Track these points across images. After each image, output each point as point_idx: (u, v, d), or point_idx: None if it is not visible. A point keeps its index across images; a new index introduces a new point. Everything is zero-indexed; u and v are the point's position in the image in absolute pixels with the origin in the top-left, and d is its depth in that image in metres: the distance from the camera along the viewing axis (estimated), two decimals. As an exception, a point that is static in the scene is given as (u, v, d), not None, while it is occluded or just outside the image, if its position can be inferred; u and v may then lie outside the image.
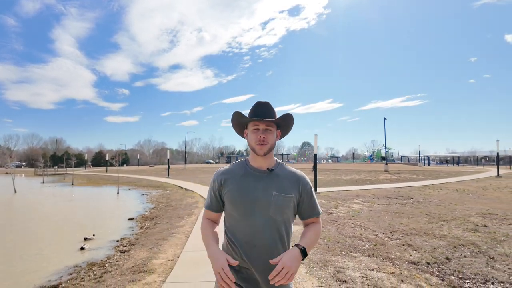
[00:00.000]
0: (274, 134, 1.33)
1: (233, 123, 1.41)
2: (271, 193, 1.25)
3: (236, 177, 1.32)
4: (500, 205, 9.36)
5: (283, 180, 1.31)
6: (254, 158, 1.34)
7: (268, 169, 1.31)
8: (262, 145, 1.28)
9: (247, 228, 1.24)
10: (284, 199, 1.26)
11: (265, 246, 1.22)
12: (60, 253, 5.57)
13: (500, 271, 4.20)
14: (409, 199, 10.63)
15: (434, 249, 5.09)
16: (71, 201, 14.47)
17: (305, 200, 1.34)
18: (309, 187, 1.36)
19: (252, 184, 1.28)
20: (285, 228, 1.28)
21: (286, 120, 1.35)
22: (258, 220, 1.23)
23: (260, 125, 1.29)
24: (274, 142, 1.33)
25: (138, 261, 4.19)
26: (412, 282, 3.58)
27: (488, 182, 16.39)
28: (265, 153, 1.29)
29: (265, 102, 1.35)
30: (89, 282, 3.72)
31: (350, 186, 15.37)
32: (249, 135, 1.33)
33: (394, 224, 6.76)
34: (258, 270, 1.22)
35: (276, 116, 1.34)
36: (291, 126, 1.42)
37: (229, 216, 1.31)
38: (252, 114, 1.32)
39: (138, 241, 5.98)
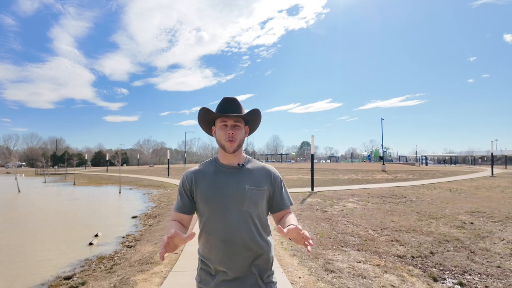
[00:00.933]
0: (243, 130, 1.32)
1: (200, 120, 1.37)
2: (244, 187, 1.25)
3: (207, 175, 1.30)
4: (489, 204, 9.72)
5: (255, 174, 1.32)
6: (224, 155, 1.32)
7: (239, 164, 1.31)
8: (232, 142, 1.27)
9: (223, 226, 1.22)
10: (258, 192, 1.26)
11: (244, 241, 1.21)
12: (70, 248, 5.92)
13: (479, 263, 4.56)
14: (403, 198, 10.99)
15: (420, 244, 5.45)
16: (75, 200, 14.81)
17: (277, 192, 1.35)
18: (279, 179, 1.38)
19: (224, 180, 1.27)
20: (260, 220, 1.28)
21: (254, 115, 1.34)
22: (234, 215, 1.22)
23: (228, 121, 1.28)
24: (243, 138, 1.33)
25: (145, 255, 4.55)
26: (394, 272, 3.94)
27: (482, 182, 16.77)
28: (235, 150, 1.28)
29: (232, 98, 1.34)
30: (101, 273, 4.07)
31: (347, 185, 15.73)
32: (217, 132, 1.31)
33: (385, 221, 7.12)
34: (238, 267, 1.20)
35: (243, 112, 1.33)
36: (258, 121, 1.41)
37: (203, 216, 1.28)
38: (219, 110, 1.30)
39: (143, 237, 6.34)
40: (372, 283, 3.45)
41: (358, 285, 3.31)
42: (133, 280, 3.33)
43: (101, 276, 3.94)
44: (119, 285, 3.24)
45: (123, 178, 22.31)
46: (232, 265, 1.20)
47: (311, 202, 10.06)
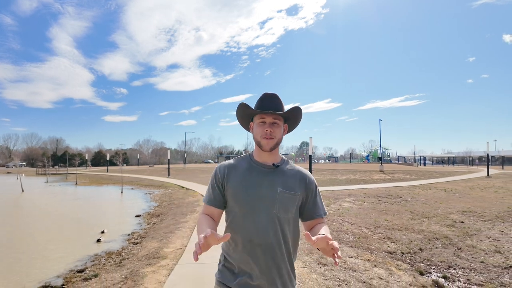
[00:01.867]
0: (282, 128, 1.27)
1: (238, 115, 1.34)
2: (276, 190, 1.20)
3: (239, 171, 1.26)
4: (481, 204, 10.03)
5: (289, 177, 1.26)
6: (259, 153, 1.27)
7: (274, 164, 1.26)
8: (269, 140, 1.22)
9: (251, 226, 1.18)
10: (290, 196, 1.21)
11: (269, 245, 1.16)
12: (79, 245, 6.20)
13: (464, 259, 4.88)
14: (398, 198, 11.29)
15: (410, 241, 5.76)
16: (78, 200, 15.09)
17: (310, 199, 1.29)
18: (314, 186, 1.32)
19: (256, 179, 1.22)
20: (290, 228, 1.23)
21: (294, 113, 1.29)
22: (263, 217, 1.17)
23: (267, 118, 1.23)
24: (281, 136, 1.28)
25: (151, 250, 4.86)
26: (383, 267, 4.25)
27: (477, 182, 17.09)
28: (272, 148, 1.24)
29: (272, 94, 1.28)
30: (111, 266, 4.38)
31: (344, 185, 16.04)
32: (255, 128, 1.27)
33: (379, 220, 7.42)
34: (261, 271, 1.16)
35: (284, 109, 1.28)
36: (299, 119, 1.36)
37: (231, 213, 1.25)
38: (259, 106, 1.25)
39: (147, 235, 6.65)
40: (361, 275, 3.76)
41: (348, 277, 3.62)
42: (142, 272, 3.64)
43: (111, 269, 4.25)
44: (130, 276, 3.54)
45: (124, 178, 22.59)
46: (256, 267, 1.16)
47: (309, 201, 10.37)
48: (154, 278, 3.39)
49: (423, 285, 3.79)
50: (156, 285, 3.16)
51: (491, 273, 4.34)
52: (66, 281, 4.04)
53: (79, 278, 4.06)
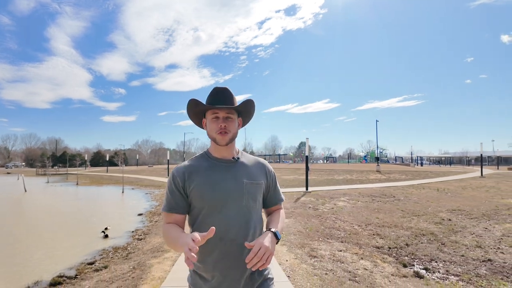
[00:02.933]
0: (236, 122, 1.26)
1: (189, 112, 1.30)
2: (242, 181, 1.20)
3: (201, 170, 1.21)
4: (471, 203, 10.40)
5: (251, 167, 1.28)
6: (216, 148, 1.26)
7: (234, 158, 1.26)
8: (224, 134, 1.20)
9: (222, 223, 1.13)
10: (256, 186, 1.23)
11: (240, 239, 1.14)
12: (85, 242, 6.57)
13: (446, 253, 5.25)
14: (391, 197, 11.67)
15: (398, 237, 6.13)
16: (81, 200, 15.46)
17: (271, 186, 1.32)
18: (273, 172, 1.36)
19: (220, 175, 1.20)
20: (257, 217, 1.23)
21: (247, 106, 1.28)
22: (232, 212, 1.15)
23: (220, 113, 1.21)
24: (236, 130, 1.27)
25: (155, 245, 5.21)
26: (369, 259, 4.62)
27: (469, 182, 17.48)
28: (228, 143, 1.22)
29: (223, 88, 1.27)
30: (119, 259, 4.73)
31: (340, 185, 16.41)
32: (208, 124, 1.25)
33: (371, 218, 7.80)
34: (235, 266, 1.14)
35: (236, 103, 1.27)
36: (252, 113, 1.35)
37: (198, 215, 1.19)
38: (211, 102, 1.23)
39: (150, 231, 7.01)
40: (348, 266, 4.13)
41: (335, 267, 3.99)
42: (149, 263, 3.99)
43: (119, 261, 4.61)
44: (137, 267, 3.90)
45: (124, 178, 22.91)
46: (228, 266, 1.13)
47: (305, 200, 10.73)
48: (159, 267, 3.75)
49: (404, 275, 4.16)
50: (162, 273, 3.52)
51: (470, 265, 4.71)
52: (79, 272, 4.42)
53: (90, 269, 4.43)
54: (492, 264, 4.78)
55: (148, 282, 3.30)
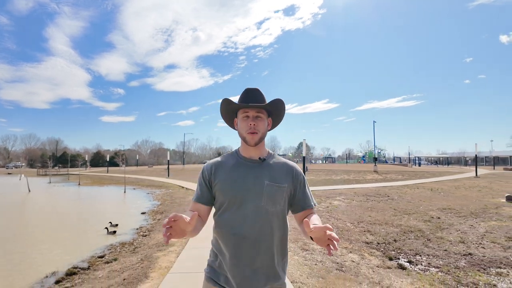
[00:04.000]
0: (265, 122, 1.28)
1: (222, 111, 1.35)
2: (263, 182, 1.21)
3: (227, 167, 1.27)
4: (462, 202, 10.78)
5: (276, 169, 1.27)
6: (245, 148, 1.29)
7: (260, 158, 1.28)
8: (253, 134, 1.23)
9: (238, 219, 1.18)
10: (277, 188, 1.22)
11: (255, 238, 1.16)
12: (94, 238, 6.96)
13: (430, 248, 5.64)
14: (385, 196, 12.06)
15: (387, 234, 6.52)
16: (85, 199, 15.84)
17: (298, 191, 1.30)
18: (302, 177, 1.33)
19: (243, 173, 1.24)
20: (278, 221, 1.22)
21: (277, 105, 1.29)
22: (249, 210, 1.18)
23: (250, 112, 1.24)
24: (266, 130, 1.29)
25: (159, 240, 5.60)
26: (357, 253, 5.01)
27: (463, 182, 17.88)
28: (257, 143, 1.25)
29: (254, 88, 1.30)
30: (127, 253, 5.11)
31: (337, 185, 16.80)
32: (239, 123, 1.28)
33: (363, 216, 8.19)
34: (246, 264, 1.16)
35: (266, 102, 1.28)
36: (283, 112, 1.36)
37: (219, 208, 1.25)
38: (241, 101, 1.27)
39: (154, 228, 7.39)
40: (336, 258, 4.52)
41: (324, 259, 4.38)
42: (155, 255, 4.38)
43: (127, 255, 4.99)
44: (145, 259, 4.28)
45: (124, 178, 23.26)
46: (240, 262, 1.16)
47: (302, 200, 11.13)
48: (165, 259, 4.14)
49: (389, 267, 4.55)
50: (168, 264, 3.91)
51: (451, 258, 5.11)
52: (91, 264, 4.82)
53: (101, 262, 4.82)
54: (471, 258, 5.17)
55: (156, 270, 3.69)
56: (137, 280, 3.40)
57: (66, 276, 4.33)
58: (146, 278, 3.45)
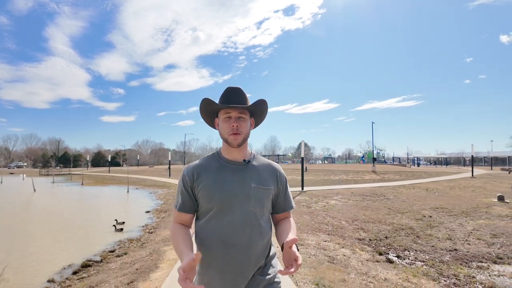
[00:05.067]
0: (248, 122, 1.25)
1: (202, 111, 1.29)
2: (250, 186, 1.18)
3: (210, 170, 1.22)
4: (455, 202, 11.14)
5: (261, 171, 1.25)
6: (228, 149, 1.25)
7: (245, 160, 1.24)
8: (236, 135, 1.19)
9: (225, 226, 1.14)
10: (264, 191, 1.20)
11: (245, 244, 1.14)
12: (103, 235, 7.38)
13: (419, 244, 6.02)
14: (381, 196, 12.43)
15: (379, 231, 6.91)
16: (90, 199, 16.26)
17: (282, 192, 1.30)
18: (284, 178, 1.32)
19: (229, 177, 1.19)
20: (265, 223, 1.22)
21: (259, 106, 1.26)
22: (238, 216, 1.15)
23: (232, 113, 1.20)
24: (249, 131, 1.25)
25: (165, 236, 5.98)
26: (349, 248, 5.40)
27: (459, 182, 18.25)
28: (240, 144, 1.21)
29: (236, 88, 1.25)
30: (135, 248, 5.49)
31: (335, 185, 17.18)
32: (220, 124, 1.23)
33: (358, 215, 8.57)
34: (236, 272, 1.14)
35: (249, 102, 1.25)
36: (265, 113, 1.32)
37: (203, 215, 1.20)
38: (223, 101, 1.22)
39: (159, 226, 7.79)
40: (329, 253, 4.91)
41: (318, 253, 4.77)
42: (162, 249, 4.76)
43: (136, 249, 5.38)
44: (153, 253, 4.67)
45: (127, 178, 23.67)
46: (230, 270, 1.13)
47: (299, 199, 11.51)
48: (172, 253, 4.52)
49: (377, 261, 4.94)
50: (175, 256, 4.28)
51: (436, 254, 5.49)
52: (103, 258, 5.23)
53: (112, 256, 5.22)
54: (456, 253, 5.55)
55: (165, 262, 4.07)
56: (148, 269, 3.80)
57: (81, 268, 4.76)
58: (156, 268, 3.84)
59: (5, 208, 13.24)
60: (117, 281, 3.58)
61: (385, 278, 4.01)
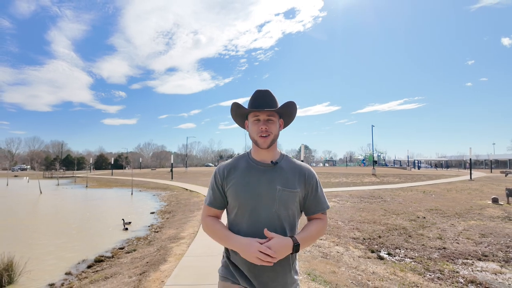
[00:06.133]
0: (277, 124, 1.28)
1: (233, 114, 1.36)
2: (275, 188, 1.20)
3: (239, 170, 1.27)
4: (449, 203, 11.44)
5: (288, 173, 1.26)
6: (257, 151, 1.28)
7: (272, 162, 1.26)
8: (265, 137, 1.22)
9: (250, 225, 1.19)
10: (289, 194, 1.21)
11: None
12: (111, 234, 7.79)
13: (410, 243, 6.37)
14: (379, 198, 12.76)
15: (374, 231, 7.26)
16: (95, 200, 16.72)
17: (311, 194, 1.30)
18: (315, 180, 1.32)
19: (255, 178, 1.23)
20: (290, 225, 1.23)
21: (288, 108, 1.30)
22: (262, 216, 1.18)
23: (261, 116, 1.24)
24: (278, 132, 1.28)
25: (171, 235, 6.36)
26: (343, 246, 5.77)
27: (456, 185, 18.50)
28: (268, 146, 1.24)
29: (265, 90, 1.30)
30: (143, 245, 5.88)
31: (335, 187, 17.52)
32: (250, 126, 1.28)
33: (354, 216, 8.92)
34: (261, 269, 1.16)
35: (278, 104, 1.29)
36: (294, 114, 1.36)
37: (232, 212, 1.26)
38: (252, 105, 1.26)
39: (164, 225, 8.18)
40: (324, 250, 5.28)
41: (313, 250, 5.14)
42: (169, 246, 5.15)
43: (144, 246, 5.77)
44: (161, 249, 5.06)
45: (130, 181, 24.08)
46: (255, 268, 1.17)
47: (299, 201, 11.87)
48: (179, 248, 4.91)
49: (369, 257, 5.30)
50: (181, 251, 4.68)
51: (426, 251, 5.84)
52: (114, 254, 5.64)
53: (122, 252, 5.62)
54: (444, 251, 5.90)
55: (172, 256, 4.45)
56: (158, 263, 4.18)
57: (95, 263, 5.18)
58: (165, 261, 4.22)
59: (17, 209, 13.78)
60: (130, 272, 3.97)
61: (373, 272, 4.38)
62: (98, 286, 3.77)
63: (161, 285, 3.17)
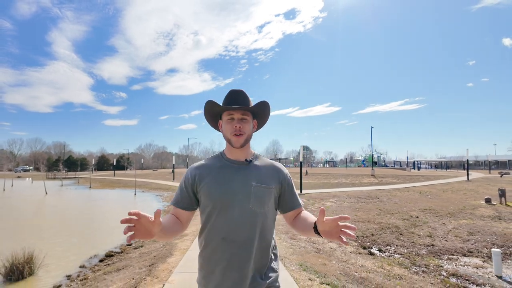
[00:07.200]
0: (251, 124, 1.28)
1: (206, 113, 1.34)
2: (250, 184, 1.20)
3: (212, 170, 1.26)
4: (444, 203, 11.79)
5: (263, 171, 1.27)
6: (230, 150, 1.29)
7: (246, 160, 1.27)
8: (238, 136, 1.22)
9: (225, 223, 1.17)
10: (265, 190, 1.22)
11: (244, 241, 1.16)
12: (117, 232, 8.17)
13: (401, 240, 6.75)
14: (375, 198, 13.12)
15: (367, 229, 7.63)
16: (99, 200, 17.15)
17: (287, 191, 1.31)
18: (289, 177, 1.33)
19: (229, 176, 1.23)
20: (265, 221, 1.22)
21: (262, 107, 1.30)
22: (237, 213, 1.17)
23: (235, 114, 1.24)
24: (251, 132, 1.29)
25: (175, 233, 6.78)
26: (337, 243, 6.11)
27: (453, 186, 18.81)
28: (242, 145, 1.24)
29: (239, 90, 1.31)
30: (149, 242, 6.22)
31: (333, 188, 17.88)
32: (224, 125, 1.27)
33: (350, 215, 9.23)
34: (235, 268, 1.15)
35: (251, 104, 1.29)
36: (267, 114, 1.36)
37: (205, 213, 1.22)
38: (226, 103, 1.27)
39: (168, 225, 8.59)
40: (317, 246, 5.67)
41: (307, 245, 5.53)
42: (174, 242, 5.54)
43: (150, 243, 6.16)
44: (166, 245, 5.45)
45: (132, 182, 24.49)
46: (229, 267, 1.15)
47: (298, 201, 12.26)
48: (183, 244, 5.31)
49: (360, 253, 5.69)
50: (185, 247, 5.07)
51: (415, 248, 6.22)
52: (122, 249, 6.05)
53: (130, 248, 6.02)
54: (432, 248, 6.28)
55: (177, 251, 4.84)
56: (164, 256, 4.57)
57: (106, 257, 5.60)
58: (171, 255, 4.62)
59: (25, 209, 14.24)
60: (140, 264, 4.36)
61: (362, 265, 4.77)
62: (112, 276, 4.17)
63: (170, 273, 3.57)
